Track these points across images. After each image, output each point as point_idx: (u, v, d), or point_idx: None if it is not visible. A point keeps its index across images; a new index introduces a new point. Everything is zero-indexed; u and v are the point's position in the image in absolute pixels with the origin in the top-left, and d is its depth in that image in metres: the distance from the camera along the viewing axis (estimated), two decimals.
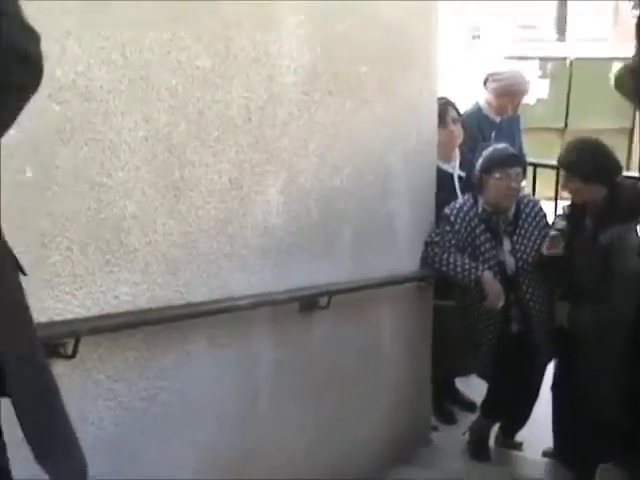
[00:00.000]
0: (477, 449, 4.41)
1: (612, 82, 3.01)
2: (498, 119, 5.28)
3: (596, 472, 3.66)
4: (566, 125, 11.04)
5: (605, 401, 3.58)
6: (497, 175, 3.94)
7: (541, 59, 11.10)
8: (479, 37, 11.53)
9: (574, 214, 3.88)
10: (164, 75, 2.59)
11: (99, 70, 2.37)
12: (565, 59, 11.14)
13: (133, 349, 2.62)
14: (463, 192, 4.43)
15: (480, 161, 4.02)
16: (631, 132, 11.11)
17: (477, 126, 5.15)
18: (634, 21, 2.78)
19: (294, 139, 3.16)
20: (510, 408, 4.33)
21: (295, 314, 3.33)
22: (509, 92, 5.28)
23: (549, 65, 11.09)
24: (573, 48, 11.92)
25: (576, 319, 3.73)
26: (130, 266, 2.54)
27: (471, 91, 5.93)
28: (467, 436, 4.46)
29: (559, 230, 3.91)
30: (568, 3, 13.33)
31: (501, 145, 4.17)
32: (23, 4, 1.38)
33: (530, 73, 8.32)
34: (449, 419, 4.93)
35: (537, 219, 4.13)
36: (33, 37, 1.44)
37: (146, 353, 2.67)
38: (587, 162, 3.66)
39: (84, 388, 2.46)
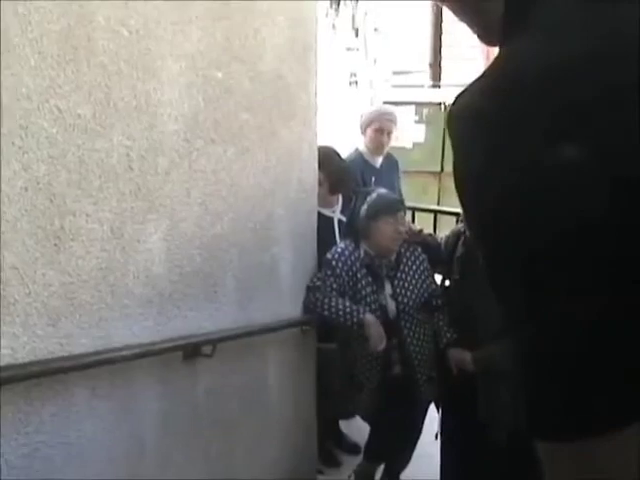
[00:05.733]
0: None
1: None
2: (378, 164, 5.39)
3: None
4: (442, 169, 11.28)
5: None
6: (385, 220, 4.01)
7: (417, 104, 11.36)
8: (356, 83, 11.74)
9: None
10: (43, 123, 2.56)
11: None
12: (440, 104, 11.43)
13: (12, 404, 2.55)
14: (342, 237, 4.48)
15: (365, 207, 4.07)
16: None
17: (359, 171, 5.24)
18: None
19: (176, 187, 3.15)
20: (393, 450, 4.36)
21: (179, 363, 3.30)
22: (378, 119, 5.46)
23: (425, 110, 11.35)
24: (447, 94, 12.25)
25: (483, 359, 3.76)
26: (10, 319, 2.49)
27: (349, 137, 6.04)
28: (352, 479, 4.47)
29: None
30: (442, 50, 13.72)
31: (383, 191, 4.25)
32: None
33: (407, 118, 8.52)
34: (333, 462, 4.93)
35: (417, 263, 4.20)
36: None
37: (25, 407, 2.61)
38: None
39: None
